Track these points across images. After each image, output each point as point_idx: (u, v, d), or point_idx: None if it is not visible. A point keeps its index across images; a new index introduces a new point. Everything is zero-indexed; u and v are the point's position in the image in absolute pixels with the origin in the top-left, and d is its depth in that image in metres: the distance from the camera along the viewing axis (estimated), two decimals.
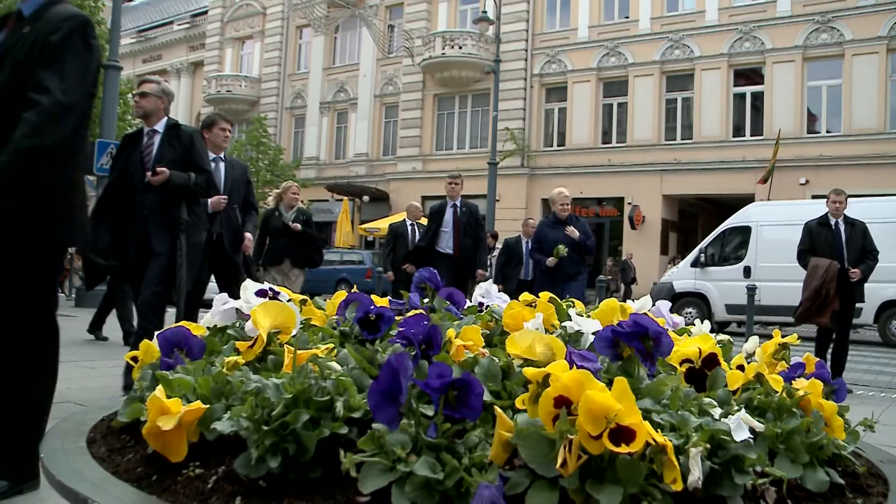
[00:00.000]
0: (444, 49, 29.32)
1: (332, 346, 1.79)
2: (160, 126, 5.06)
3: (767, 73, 24.37)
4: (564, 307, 2.23)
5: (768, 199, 19.06)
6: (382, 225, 25.93)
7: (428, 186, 27.93)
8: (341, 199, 29.71)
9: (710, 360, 1.76)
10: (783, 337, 2.07)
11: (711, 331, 2.14)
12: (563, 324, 2.00)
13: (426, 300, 2.31)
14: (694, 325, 2.22)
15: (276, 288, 2.16)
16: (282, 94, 36.24)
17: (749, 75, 25.10)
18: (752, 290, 8.29)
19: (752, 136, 24.51)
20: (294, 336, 1.85)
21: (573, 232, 8.08)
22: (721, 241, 15.86)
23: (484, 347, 1.77)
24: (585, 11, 27.79)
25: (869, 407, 6.01)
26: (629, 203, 25.86)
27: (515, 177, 27.87)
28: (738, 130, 24.99)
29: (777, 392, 1.67)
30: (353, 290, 2.23)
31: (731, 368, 1.80)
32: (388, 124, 32.95)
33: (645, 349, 1.57)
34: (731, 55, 24.92)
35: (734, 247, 15.65)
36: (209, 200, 5.76)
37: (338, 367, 1.56)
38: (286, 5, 35.80)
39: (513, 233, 11.95)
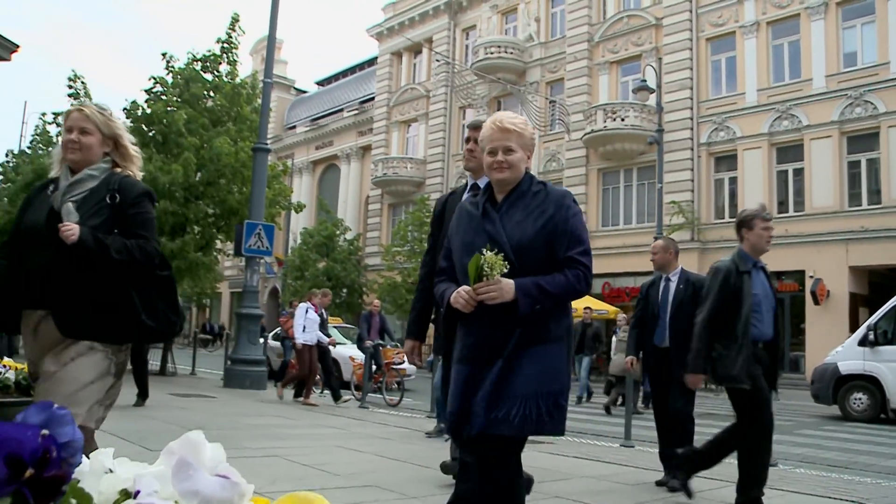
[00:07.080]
0: (605, 122, 28.69)
1: None
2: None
3: None
4: None
5: None
6: None
7: (596, 264, 26.91)
8: None
9: None
10: None
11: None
12: None
13: None
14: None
15: None
16: (446, 174, 36.73)
17: None
18: None
19: None
20: None
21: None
22: (895, 316, 14.18)
23: None
24: (753, 74, 26.43)
25: None
26: (811, 276, 23.98)
27: (686, 252, 26.28)
28: None
29: None
30: None
31: None
32: None
33: None
34: None
35: None
36: None
37: None
38: (449, 88, 36.46)
39: None
